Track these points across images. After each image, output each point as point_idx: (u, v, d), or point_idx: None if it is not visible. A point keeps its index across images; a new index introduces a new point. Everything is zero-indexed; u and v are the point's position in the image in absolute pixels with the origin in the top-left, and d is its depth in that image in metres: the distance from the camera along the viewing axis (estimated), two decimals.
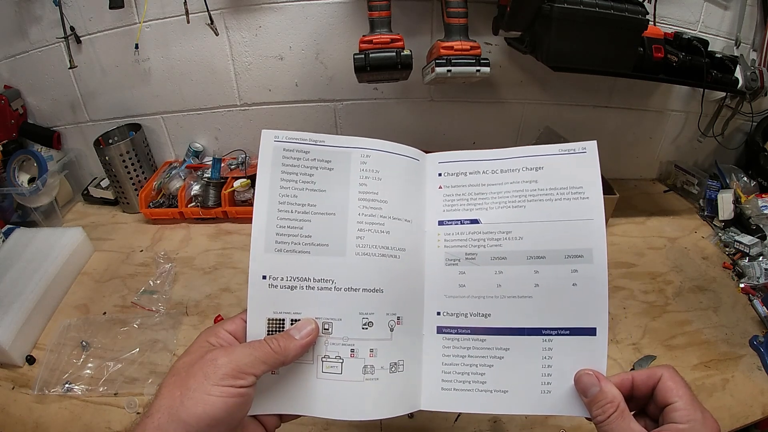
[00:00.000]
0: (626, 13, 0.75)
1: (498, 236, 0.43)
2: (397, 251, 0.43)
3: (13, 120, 1.06)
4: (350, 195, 0.43)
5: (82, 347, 0.73)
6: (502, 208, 0.44)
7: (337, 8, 0.94)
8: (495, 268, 0.43)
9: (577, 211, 0.42)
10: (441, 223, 0.45)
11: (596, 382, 0.38)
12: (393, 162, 0.45)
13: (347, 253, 0.42)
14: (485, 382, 0.42)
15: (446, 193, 0.46)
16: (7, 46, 1.01)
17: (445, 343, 0.43)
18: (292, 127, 1.09)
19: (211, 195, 1.03)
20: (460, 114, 1.09)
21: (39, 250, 0.86)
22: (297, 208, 0.42)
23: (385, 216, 0.43)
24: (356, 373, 0.40)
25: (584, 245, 0.41)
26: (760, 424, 0.66)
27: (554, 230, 0.42)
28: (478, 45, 0.79)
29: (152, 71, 1.03)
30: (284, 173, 0.42)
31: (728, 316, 0.79)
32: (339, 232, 0.42)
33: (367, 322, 0.41)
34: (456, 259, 0.44)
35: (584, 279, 0.41)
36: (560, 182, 0.43)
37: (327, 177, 0.43)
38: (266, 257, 0.41)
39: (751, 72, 0.90)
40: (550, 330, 0.41)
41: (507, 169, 0.45)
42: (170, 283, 0.87)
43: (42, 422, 0.64)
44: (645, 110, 1.09)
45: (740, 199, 0.99)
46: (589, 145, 0.43)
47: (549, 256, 0.42)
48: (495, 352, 0.42)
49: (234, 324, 0.41)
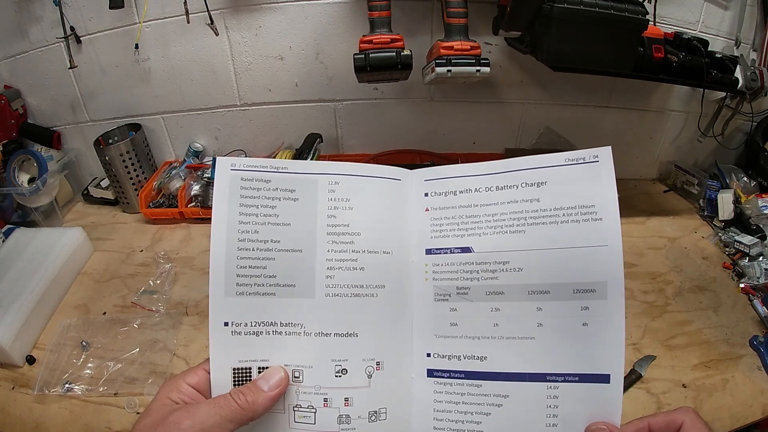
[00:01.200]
0: (626, 13, 0.75)
1: (494, 267, 0.38)
2: (374, 289, 0.39)
3: (13, 120, 1.06)
4: (317, 228, 0.38)
5: (82, 347, 0.73)
6: (498, 234, 0.38)
7: (337, 8, 0.94)
8: (491, 305, 0.38)
9: (588, 235, 0.36)
10: (429, 252, 0.40)
11: None
12: (368, 186, 0.40)
13: (316, 295, 0.38)
14: (482, 431, 0.37)
15: (434, 216, 0.40)
16: (7, 46, 1.01)
17: (436, 388, 0.39)
18: (293, 128, 1.10)
19: (211, 195, 1.03)
20: (460, 114, 1.09)
21: (39, 250, 0.86)
22: (259, 245, 0.38)
23: (358, 251, 0.39)
24: (331, 424, 0.37)
25: (597, 278, 0.36)
26: (760, 424, 0.66)
27: (560, 260, 0.36)
28: (478, 45, 0.79)
29: (152, 71, 1.03)
30: (243, 206, 0.38)
31: (728, 316, 0.79)
32: (306, 272, 0.38)
33: (341, 370, 0.38)
34: (446, 293, 0.39)
35: (596, 318, 0.35)
36: (567, 200, 0.36)
37: (291, 209, 0.38)
38: (227, 302, 0.37)
39: (751, 72, 0.90)
40: (555, 376, 0.36)
41: (503, 186, 0.38)
42: (170, 283, 0.87)
43: (42, 422, 0.64)
44: (645, 110, 1.09)
45: (740, 199, 0.99)
46: (602, 152, 0.36)
47: (554, 291, 0.36)
48: (493, 399, 0.37)
49: (197, 376, 0.37)
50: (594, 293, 0.36)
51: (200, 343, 0.75)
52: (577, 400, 0.36)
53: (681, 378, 0.68)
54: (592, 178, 0.36)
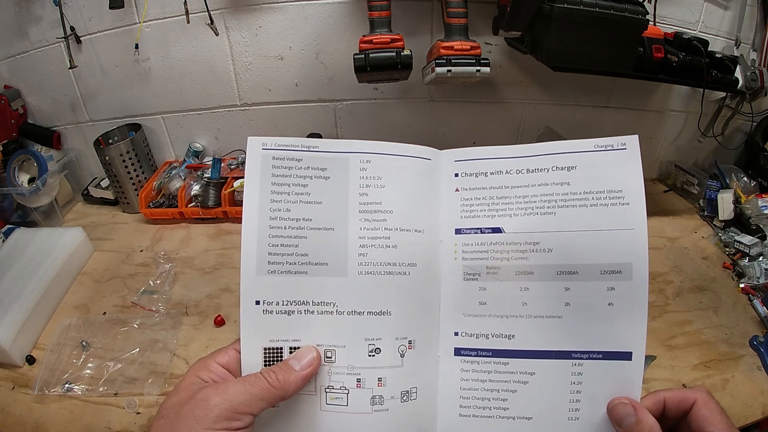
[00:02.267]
0: (626, 13, 0.75)
1: (524, 248, 0.38)
2: (406, 267, 0.38)
3: (13, 120, 1.06)
4: (350, 206, 0.38)
5: (82, 347, 0.73)
6: (529, 215, 0.38)
7: (337, 8, 0.94)
8: (520, 284, 0.38)
9: (616, 219, 0.37)
10: (458, 232, 0.40)
11: (633, 412, 0.35)
12: (398, 165, 0.40)
13: (349, 273, 0.38)
14: (507, 408, 0.38)
15: (464, 197, 0.40)
16: (7, 46, 1.01)
17: (463, 366, 0.39)
18: (293, 128, 1.10)
19: (211, 195, 1.03)
20: (460, 114, 1.09)
21: (39, 250, 0.86)
22: (291, 224, 0.38)
23: (391, 228, 0.38)
24: (364, 405, 0.37)
25: (623, 259, 0.36)
26: (760, 424, 0.66)
27: (589, 241, 0.37)
28: (478, 45, 0.79)
29: (152, 71, 1.03)
30: (274, 185, 0.38)
31: (728, 316, 0.79)
32: (339, 250, 0.38)
33: (374, 349, 0.37)
34: (476, 273, 0.39)
35: (622, 298, 0.36)
36: (596, 185, 0.37)
37: (323, 187, 0.38)
38: (259, 280, 0.37)
39: (751, 72, 0.90)
40: (580, 354, 0.37)
41: (534, 169, 0.39)
42: (170, 283, 0.87)
43: (42, 422, 0.64)
44: (645, 110, 1.09)
45: (740, 199, 0.99)
46: (630, 140, 0.37)
47: (582, 272, 0.37)
48: (519, 377, 0.38)
49: (227, 355, 0.37)
50: (620, 274, 0.36)
51: (200, 343, 0.75)
52: (600, 377, 0.37)
53: (681, 378, 0.68)
54: (620, 165, 0.37)
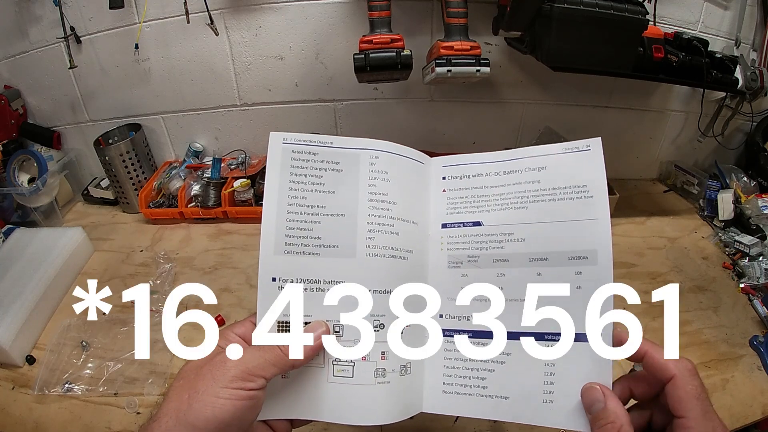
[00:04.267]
0: (626, 13, 0.75)
1: (500, 238, 0.43)
2: (405, 252, 0.43)
3: (13, 120, 1.06)
4: (359, 196, 0.42)
5: (82, 347, 0.73)
6: (504, 210, 0.43)
7: (337, 8, 0.94)
8: (497, 271, 0.42)
9: (581, 210, 0.40)
10: (444, 226, 0.45)
11: (601, 398, 0.36)
12: (401, 164, 0.45)
13: (357, 254, 0.41)
14: (486, 387, 0.41)
15: (449, 196, 0.46)
16: (7, 46, 1.02)
17: (446, 346, 0.43)
18: (293, 128, 1.10)
19: (211, 195, 1.03)
20: (460, 114, 1.09)
21: (39, 250, 0.86)
22: (306, 210, 0.42)
23: (395, 217, 0.43)
24: (368, 377, 0.40)
25: (588, 246, 0.40)
26: (760, 424, 0.66)
27: (557, 231, 0.41)
28: (478, 45, 0.79)
29: (152, 71, 1.03)
30: (293, 175, 0.42)
31: (728, 316, 0.79)
32: (349, 233, 0.42)
33: (379, 324, 0.41)
34: (458, 261, 0.44)
35: (589, 282, 0.39)
36: (563, 181, 0.42)
37: (336, 178, 0.43)
38: (276, 259, 0.41)
39: (751, 72, 0.90)
40: (552, 335, 0.40)
41: (510, 170, 0.44)
42: (170, 283, 0.87)
43: (42, 422, 0.64)
44: (645, 110, 1.09)
45: (740, 199, 0.99)
46: (593, 142, 0.42)
47: (552, 258, 0.41)
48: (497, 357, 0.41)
49: (244, 327, 0.41)
50: (586, 260, 0.40)
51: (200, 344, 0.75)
52: (572, 358, 0.39)
53: None
54: (585, 164, 0.42)
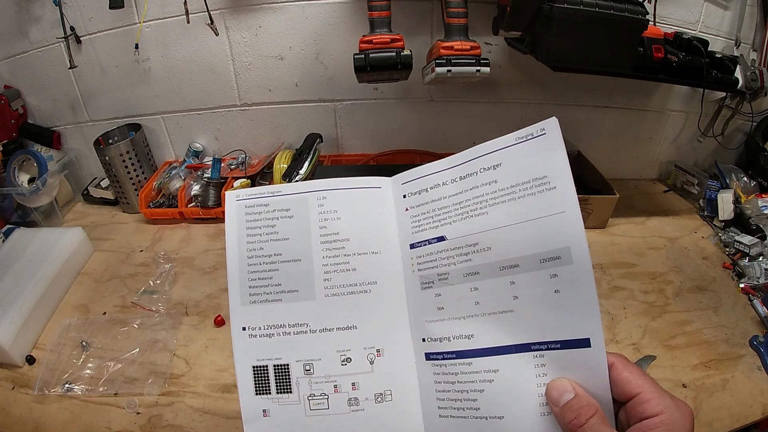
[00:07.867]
0: (626, 13, 0.75)
1: (466, 250, 0.40)
2: (367, 286, 0.43)
3: (13, 120, 1.07)
4: (312, 239, 0.44)
5: (82, 347, 0.73)
6: (465, 219, 0.40)
7: (337, 8, 0.94)
8: (469, 285, 0.40)
9: (545, 205, 0.37)
10: (412, 247, 0.43)
11: (570, 389, 0.34)
12: (352, 198, 0.45)
13: (317, 296, 0.43)
14: (478, 408, 0.38)
15: (412, 215, 0.44)
16: (7, 46, 1.02)
17: (434, 370, 0.41)
18: (293, 128, 1.11)
19: (211, 195, 1.03)
20: (460, 114, 1.09)
21: (39, 250, 0.86)
22: (264, 260, 0.44)
23: (349, 254, 0.44)
24: (342, 406, 0.42)
25: (559, 244, 0.36)
26: (760, 424, 0.66)
27: (523, 233, 0.37)
28: (478, 45, 0.79)
29: (152, 71, 1.03)
30: (249, 228, 0.44)
31: (728, 316, 0.79)
32: (306, 277, 0.43)
33: (345, 359, 0.42)
34: (430, 281, 0.42)
35: (566, 284, 0.36)
36: (521, 176, 0.38)
37: (288, 225, 0.44)
38: (243, 310, 0.43)
39: (751, 72, 0.90)
40: (539, 345, 0.37)
41: (466, 175, 0.41)
42: (170, 283, 0.87)
43: (42, 422, 0.64)
44: (645, 110, 1.09)
45: (740, 199, 0.99)
46: (549, 124, 0.37)
47: (522, 264, 0.37)
48: (484, 376, 0.39)
49: None
50: (560, 260, 0.36)
51: (200, 343, 0.75)
52: (564, 367, 0.36)
53: (681, 378, 0.69)
54: (543, 151, 0.37)
